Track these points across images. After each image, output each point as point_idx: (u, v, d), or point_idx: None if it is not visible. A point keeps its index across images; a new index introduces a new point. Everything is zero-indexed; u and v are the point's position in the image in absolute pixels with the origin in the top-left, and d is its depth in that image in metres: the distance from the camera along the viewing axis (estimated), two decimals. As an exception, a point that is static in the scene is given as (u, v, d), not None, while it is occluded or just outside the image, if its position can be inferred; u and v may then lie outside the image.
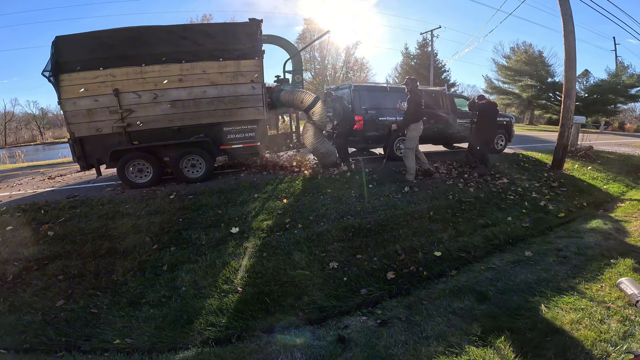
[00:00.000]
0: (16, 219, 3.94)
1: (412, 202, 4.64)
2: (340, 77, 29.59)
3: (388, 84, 7.62)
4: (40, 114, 42.61)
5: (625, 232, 4.12)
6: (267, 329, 2.51)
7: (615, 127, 28.13)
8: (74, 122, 4.89)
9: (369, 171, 5.71)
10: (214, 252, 3.46)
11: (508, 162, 7.16)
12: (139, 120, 5.00)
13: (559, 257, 3.42)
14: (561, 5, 6.54)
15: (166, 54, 4.98)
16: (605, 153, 9.05)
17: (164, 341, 2.46)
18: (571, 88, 6.65)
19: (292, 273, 3.14)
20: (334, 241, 3.70)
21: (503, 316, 2.41)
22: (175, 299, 2.87)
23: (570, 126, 6.98)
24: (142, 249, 3.53)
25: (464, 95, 9.56)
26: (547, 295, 2.66)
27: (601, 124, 24.71)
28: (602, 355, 1.95)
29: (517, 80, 28.87)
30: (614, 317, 2.30)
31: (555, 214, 4.86)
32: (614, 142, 13.22)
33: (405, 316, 2.53)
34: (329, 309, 2.78)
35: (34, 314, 2.71)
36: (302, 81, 6.99)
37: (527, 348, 2.04)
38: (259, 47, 5.34)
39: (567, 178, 6.48)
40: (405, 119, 5.53)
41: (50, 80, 4.76)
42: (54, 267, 3.24)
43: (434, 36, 24.34)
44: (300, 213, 4.23)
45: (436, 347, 2.12)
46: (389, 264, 3.36)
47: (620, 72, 26.28)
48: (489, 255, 3.72)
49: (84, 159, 5.04)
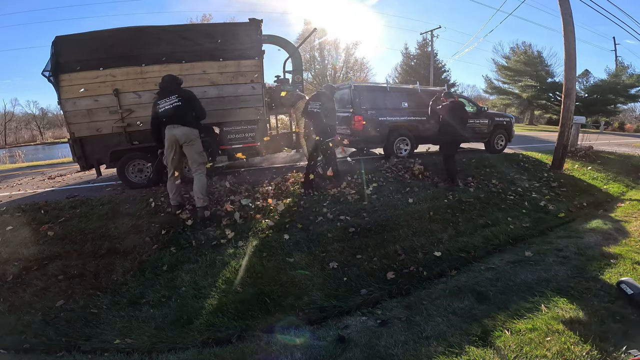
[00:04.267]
0: (16, 219, 3.94)
1: (412, 202, 4.64)
2: (340, 77, 29.57)
3: (388, 84, 7.63)
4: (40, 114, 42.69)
5: (625, 232, 4.12)
6: (267, 329, 2.51)
7: (615, 127, 28.15)
8: (74, 122, 4.89)
9: (369, 171, 5.70)
10: (214, 252, 3.46)
11: (508, 162, 7.16)
12: (139, 120, 4.99)
13: (559, 257, 3.42)
14: (561, 5, 6.55)
15: (166, 54, 4.98)
16: (605, 153, 9.05)
17: (164, 341, 2.46)
18: (571, 88, 6.66)
19: (292, 273, 3.14)
20: (334, 241, 3.70)
21: (503, 316, 2.41)
22: (175, 299, 2.87)
23: (570, 126, 6.98)
24: (142, 249, 3.53)
25: (463, 95, 9.57)
26: (547, 295, 2.66)
27: (601, 124, 24.74)
28: (602, 355, 1.95)
29: (517, 81, 28.88)
30: (613, 317, 2.30)
31: (555, 214, 4.86)
32: (614, 142, 13.22)
33: (405, 316, 2.53)
34: (329, 309, 2.78)
35: (34, 314, 2.70)
36: (302, 81, 6.99)
37: (527, 348, 2.04)
38: (259, 47, 5.34)
39: (567, 178, 6.49)
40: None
41: (50, 80, 4.76)
42: (54, 267, 3.24)
43: (434, 36, 24.38)
44: (300, 213, 4.23)
45: (436, 347, 2.12)
46: (389, 264, 3.36)
47: (620, 72, 26.30)
48: (489, 255, 3.72)
49: (84, 159, 5.04)
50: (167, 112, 3.83)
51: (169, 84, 3.94)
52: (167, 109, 3.83)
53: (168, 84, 3.93)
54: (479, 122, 7.96)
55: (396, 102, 7.05)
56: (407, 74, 29.78)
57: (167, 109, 3.83)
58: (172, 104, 3.82)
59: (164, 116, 3.85)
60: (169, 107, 3.82)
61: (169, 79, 3.97)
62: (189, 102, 3.94)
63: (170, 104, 3.83)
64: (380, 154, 7.64)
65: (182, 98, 3.87)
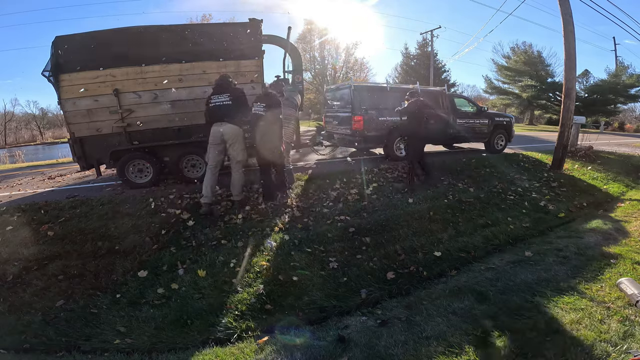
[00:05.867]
0: (16, 219, 3.94)
1: (412, 202, 4.64)
2: (340, 77, 29.57)
3: (388, 84, 7.63)
4: (40, 114, 42.64)
5: (625, 232, 4.11)
6: (267, 329, 2.51)
7: (615, 127, 28.12)
8: (74, 122, 4.89)
9: (369, 171, 5.70)
10: (214, 252, 3.46)
11: (508, 162, 7.16)
12: (139, 121, 4.99)
13: (559, 257, 3.41)
14: (561, 5, 6.54)
15: (166, 54, 4.97)
16: (605, 153, 9.05)
17: (164, 341, 2.46)
18: (571, 88, 6.66)
19: (292, 273, 3.14)
20: (334, 241, 3.70)
21: (503, 316, 2.41)
22: (175, 299, 2.87)
23: (570, 126, 6.98)
24: (142, 249, 3.53)
25: (464, 95, 9.58)
26: (547, 295, 2.66)
27: (601, 124, 24.72)
28: (602, 355, 1.95)
29: (516, 81, 28.86)
30: (614, 317, 2.30)
31: (555, 214, 4.86)
32: (613, 142, 13.22)
33: (405, 316, 2.53)
34: (329, 309, 2.78)
35: (34, 314, 2.70)
36: (302, 81, 6.98)
37: (527, 348, 2.04)
38: (259, 47, 5.34)
39: (567, 178, 6.49)
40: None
41: (50, 80, 4.75)
42: (54, 267, 3.24)
43: (434, 36, 24.34)
44: (299, 213, 4.23)
45: (436, 347, 2.12)
46: (389, 264, 3.37)
47: (620, 72, 26.28)
48: (489, 255, 3.72)
49: (84, 159, 5.03)
50: (217, 109, 4.06)
51: (224, 81, 4.16)
52: (218, 105, 4.06)
53: (222, 82, 4.15)
54: (479, 122, 7.96)
55: (396, 102, 7.04)
56: (407, 74, 29.77)
57: (218, 106, 4.06)
58: (222, 102, 4.05)
59: (213, 112, 4.09)
60: (219, 104, 4.05)
61: (224, 79, 4.19)
62: (238, 101, 4.11)
63: (221, 102, 4.06)
64: (380, 154, 7.64)
65: (232, 97, 4.07)
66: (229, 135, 4.05)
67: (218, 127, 4.04)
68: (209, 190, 4.12)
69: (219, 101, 4.06)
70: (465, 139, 8.00)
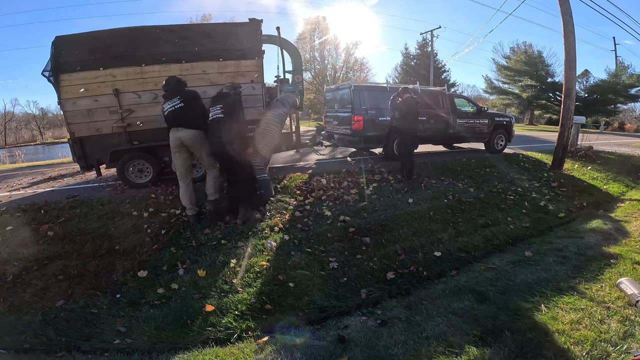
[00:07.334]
0: (16, 219, 3.94)
1: (412, 202, 4.64)
2: (340, 77, 29.58)
3: (388, 84, 7.63)
4: (40, 114, 42.63)
5: (625, 232, 4.12)
6: (267, 329, 2.51)
7: (615, 127, 28.13)
8: (74, 122, 4.89)
9: (368, 171, 5.71)
10: (214, 252, 3.46)
11: (508, 162, 7.16)
12: (139, 120, 4.99)
13: (559, 257, 3.42)
14: (561, 5, 6.55)
15: (166, 54, 4.97)
16: (605, 153, 9.05)
17: (164, 341, 2.46)
18: (571, 88, 6.66)
19: (292, 273, 3.14)
20: (334, 241, 3.70)
21: (503, 316, 2.41)
22: (175, 299, 2.87)
23: (570, 126, 6.98)
24: (142, 249, 3.53)
25: (464, 95, 9.58)
26: (547, 295, 2.66)
27: (601, 124, 24.71)
28: (602, 355, 1.95)
29: (517, 81, 28.90)
30: (614, 317, 2.30)
31: (555, 214, 4.86)
32: (613, 142, 13.22)
33: (405, 316, 2.52)
34: (329, 309, 2.78)
35: (34, 314, 2.70)
36: (302, 81, 6.98)
37: (527, 348, 2.04)
38: (259, 47, 5.34)
39: (567, 178, 6.49)
40: None
41: (50, 80, 4.75)
42: (54, 267, 3.23)
43: (434, 36, 24.36)
44: (300, 213, 4.23)
45: (436, 347, 2.12)
46: (389, 264, 3.37)
47: (620, 72, 26.30)
48: (488, 255, 3.72)
49: (84, 159, 5.03)
50: (170, 115, 3.78)
51: (173, 85, 3.84)
52: (171, 111, 3.77)
53: (172, 86, 3.84)
54: (479, 122, 7.97)
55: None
56: (407, 74, 29.80)
57: (171, 111, 3.77)
58: (174, 106, 3.76)
59: (167, 119, 3.82)
60: (171, 109, 3.77)
61: (172, 81, 3.87)
62: (191, 102, 3.82)
63: (172, 107, 3.76)
64: (380, 154, 7.64)
65: (184, 100, 3.79)
66: (189, 141, 3.78)
67: (175, 132, 3.77)
68: (188, 202, 3.93)
69: (171, 106, 3.74)
70: (465, 139, 8.01)
